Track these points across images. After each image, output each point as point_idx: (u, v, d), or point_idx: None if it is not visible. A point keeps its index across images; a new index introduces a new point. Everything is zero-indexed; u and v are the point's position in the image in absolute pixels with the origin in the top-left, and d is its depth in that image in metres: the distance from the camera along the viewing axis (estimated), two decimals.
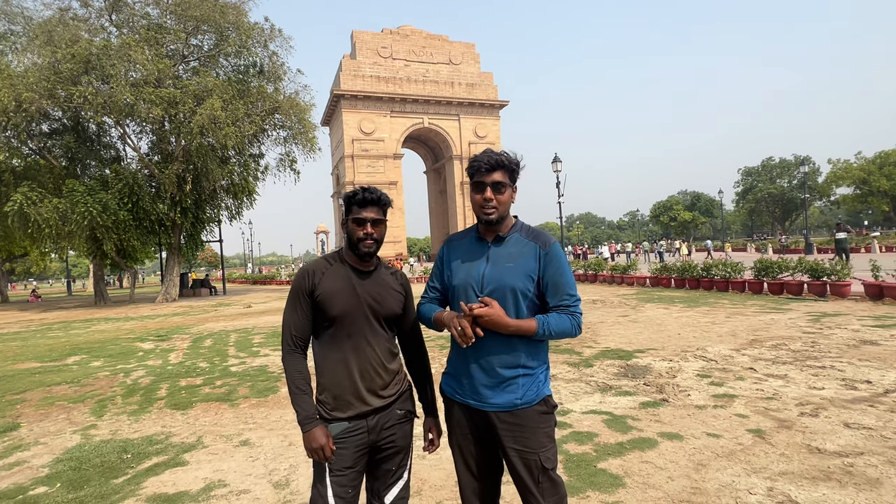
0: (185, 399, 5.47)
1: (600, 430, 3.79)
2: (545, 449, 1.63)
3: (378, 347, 1.71)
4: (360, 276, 1.73)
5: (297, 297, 1.70)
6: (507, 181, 1.66)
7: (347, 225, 1.73)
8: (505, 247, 1.69)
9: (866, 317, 8.15)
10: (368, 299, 1.70)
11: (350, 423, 1.65)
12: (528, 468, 1.61)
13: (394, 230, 55.09)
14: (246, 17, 22.45)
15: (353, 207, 1.70)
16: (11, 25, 21.92)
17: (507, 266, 1.65)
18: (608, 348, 6.90)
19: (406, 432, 1.78)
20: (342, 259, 1.76)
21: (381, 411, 1.70)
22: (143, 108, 19.23)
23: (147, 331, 11.87)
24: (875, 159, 52.78)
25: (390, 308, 1.75)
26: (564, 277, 1.65)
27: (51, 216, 18.40)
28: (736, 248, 43.01)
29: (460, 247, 1.79)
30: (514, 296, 1.62)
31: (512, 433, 1.62)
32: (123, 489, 3.23)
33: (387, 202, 1.73)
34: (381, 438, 1.70)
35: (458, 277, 1.72)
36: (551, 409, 1.69)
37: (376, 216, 1.69)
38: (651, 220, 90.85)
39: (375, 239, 1.70)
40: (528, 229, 1.74)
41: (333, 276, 1.70)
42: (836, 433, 3.46)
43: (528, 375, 1.65)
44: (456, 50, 59.29)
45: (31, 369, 7.68)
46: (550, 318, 1.61)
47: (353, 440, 1.64)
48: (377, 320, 1.72)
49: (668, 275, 15.62)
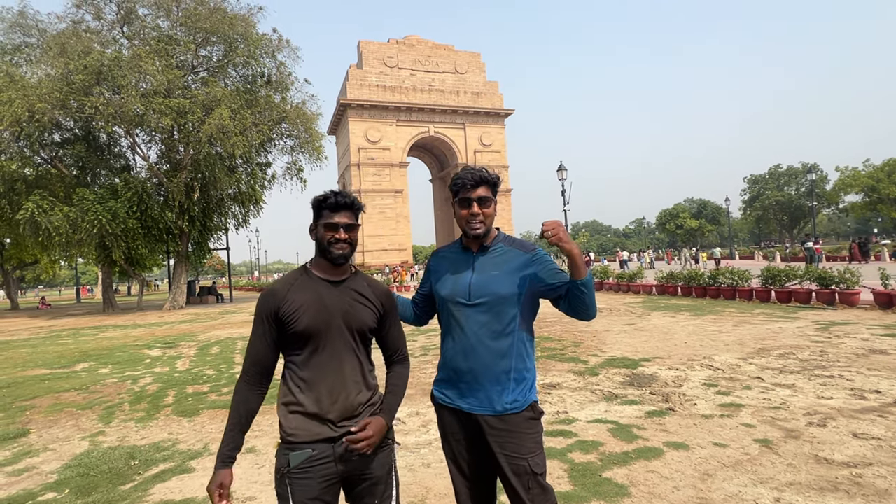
0: (191, 406, 5.50)
1: (606, 439, 3.77)
2: (534, 454, 1.65)
3: (348, 366, 1.56)
4: (330, 288, 1.58)
5: (260, 321, 1.55)
6: (491, 195, 1.72)
7: (317, 230, 1.60)
8: (490, 256, 1.75)
9: (876, 326, 8.07)
10: (338, 313, 1.55)
11: (314, 449, 1.48)
12: (518, 474, 1.63)
13: (399, 238, 55.27)
14: (254, 29, 22.84)
15: (325, 212, 1.58)
16: (26, 38, 22.38)
17: (492, 274, 1.70)
18: (614, 357, 6.87)
19: (383, 461, 1.59)
20: (308, 272, 1.62)
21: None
22: (153, 117, 19.55)
23: (154, 338, 11.96)
24: (884, 166, 52.31)
25: (362, 321, 1.59)
26: (558, 267, 1.72)
27: (61, 224, 18.65)
28: (743, 256, 42.65)
29: (447, 258, 1.86)
30: (504, 301, 1.67)
31: (500, 438, 1.65)
32: (131, 495, 3.26)
33: (359, 207, 1.63)
34: (355, 469, 1.53)
35: (446, 288, 1.77)
36: (538, 416, 1.72)
37: (349, 221, 1.58)
38: (657, 227, 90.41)
39: (349, 242, 1.59)
40: (510, 239, 1.81)
41: (300, 290, 1.56)
42: (844, 443, 3.43)
43: (516, 381, 1.68)
44: (462, 59, 59.77)
45: (40, 376, 7.76)
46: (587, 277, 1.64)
47: (319, 469, 1.47)
48: (350, 335, 1.57)
49: (675, 283, 15.54)
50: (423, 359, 7.49)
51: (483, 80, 60.08)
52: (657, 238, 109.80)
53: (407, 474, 3.38)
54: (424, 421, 4.53)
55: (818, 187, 61.99)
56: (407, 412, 4.80)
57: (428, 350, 8.18)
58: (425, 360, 7.41)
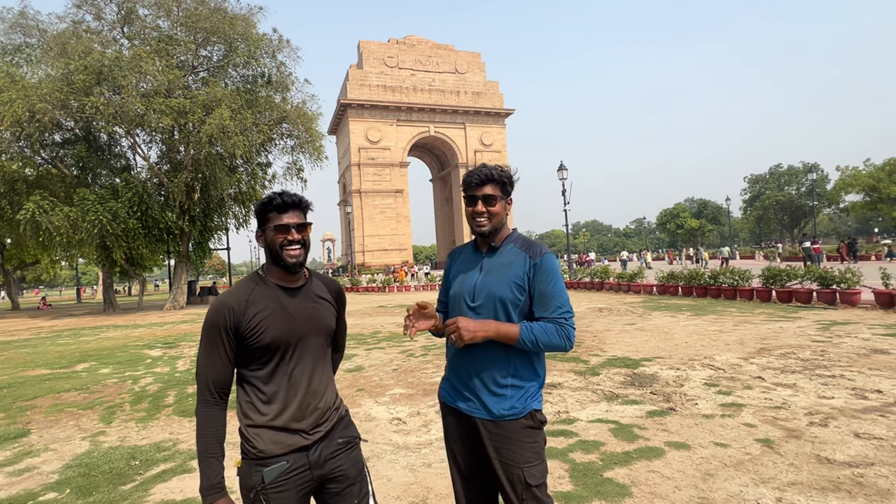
0: (192, 406, 5.49)
1: (607, 439, 3.77)
2: (530, 465, 1.59)
3: (316, 373, 1.52)
4: (290, 295, 1.51)
5: (214, 336, 1.43)
6: (499, 193, 1.68)
7: (266, 236, 1.49)
8: (497, 257, 1.71)
9: (877, 325, 8.06)
10: (303, 320, 1.50)
11: (289, 460, 1.44)
12: (512, 483, 1.58)
13: (400, 238, 55.28)
14: (254, 29, 22.84)
15: (271, 214, 1.48)
16: (27, 38, 22.41)
17: (496, 276, 1.66)
18: (615, 356, 6.87)
19: (354, 459, 1.58)
20: (264, 280, 1.52)
21: (321, 441, 1.50)
22: (154, 118, 19.55)
23: (155, 338, 11.97)
24: (884, 166, 52.28)
25: (327, 325, 1.57)
26: (554, 289, 1.62)
27: (62, 224, 18.66)
28: (744, 256, 42.64)
29: (460, 258, 1.84)
30: (504, 305, 1.62)
31: (496, 444, 1.61)
32: (132, 495, 3.26)
33: (307, 205, 1.53)
34: (328, 471, 1.51)
35: (455, 288, 1.76)
36: (538, 425, 1.65)
37: (300, 220, 1.49)
38: (658, 227, 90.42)
39: (303, 244, 1.49)
40: (522, 240, 1.75)
41: (259, 301, 1.47)
42: (845, 443, 3.43)
43: (516, 387, 1.63)
44: (462, 59, 59.78)
45: (41, 376, 7.76)
46: (535, 326, 1.58)
47: (295, 480, 1.44)
48: (316, 342, 1.53)
49: (676, 283, 15.53)
50: (423, 359, 7.49)
51: (483, 80, 60.09)
52: (657, 238, 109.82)
53: (408, 474, 3.38)
54: (425, 421, 4.53)
55: (819, 187, 61.96)
56: (407, 412, 4.80)
57: (428, 350, 8.18)
58: (426, 360, 7.40)
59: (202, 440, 1.42)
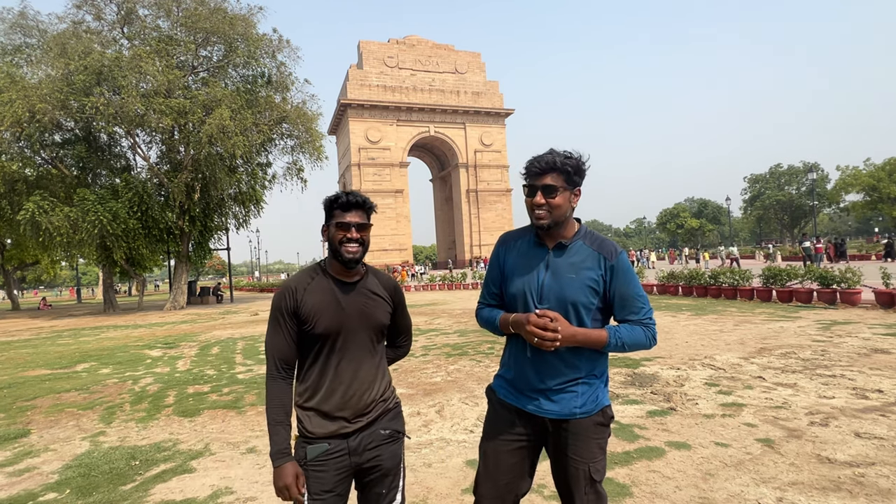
0: (192, 406, 5.50)
1: None
2: (596, 460, 1.58)
3: (364, 365, 1.61)
4: (345, 289, 1.60)
5: (279, 317, 1.56)
6: (563, 184, 1.52)
7: (329, 231, 1.59)
8: (567, 255, 1.58)
9: (877, 325, 8.06)
10: (354, 314, 1.59)
11: (330, 444, 1.54)
12: (577, 478, 1.57)
13: (400, 238, 55.25)
14: (254, 29, 22.85)
15: (336, 211, 1.57)
16: (27, 38, 22.42)
17: (568, 277, 1.54)
18: (615, 356, 6.86)
19: (393, 453, 1.67)
20: (324, 271, 1.62)
21: (363, 430, 1.59)
22: (154, 118, 19.57)
23: (155, 338, 11.96)
24: (884, 165, 52.26)
25: (378, 321, 1.64)
26: (636, 290, 1.56)
27: (62, 224, 18.67)
28: (744, 256, 42.61)
29: (517, 249, 1.67)
30: (576, 310, 1.53)
31: (566, 441, 1.58)
32: (132, 496, 3.25)
33: (371, 206, 1.61)
34: (366, 460, 1.59)
35: (515, 285, 1.62)
36: (608, 421, 1.62)
37: (361, 220, 1.56)
38: (658, 227, 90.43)
39: (361, 242, 1.56)
40: (592, 236, 1.62)
41: (316, 291, 1.57)
42: (846, 443, 3.42)
43: (587, 384, 1.58)
44: (462, 59, 59.74)
45: (41, 376, 7.76)
46: (622, 329, 1.53)
47: (334, 462, 1.54)
48: (365, 336, 1.61)
49: (676, 282, 15.54)
50: (423, 359, 7.48)
51: (483, 80, 60.06)
52: (658, 238, 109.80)
53: (409, 474, 3.37)
54: (425, 421, 4.52)
55: (819, 186, 61.96)
56: (407, 412, 4.79)
57: (429, 350, 8.18)
58: (426, 360, 7.40)
59: (271, 410, 1.55)
